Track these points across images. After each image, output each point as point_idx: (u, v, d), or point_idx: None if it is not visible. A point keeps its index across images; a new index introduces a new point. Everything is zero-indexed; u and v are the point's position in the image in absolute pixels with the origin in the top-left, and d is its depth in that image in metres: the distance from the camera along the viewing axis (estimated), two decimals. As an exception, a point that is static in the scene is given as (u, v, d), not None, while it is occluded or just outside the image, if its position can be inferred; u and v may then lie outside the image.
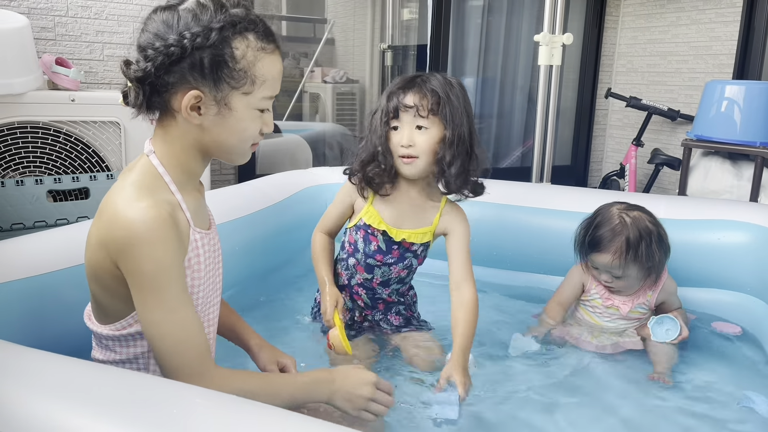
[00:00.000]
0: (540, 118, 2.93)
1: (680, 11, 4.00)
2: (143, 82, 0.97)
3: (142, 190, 0.97)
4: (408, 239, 1.53)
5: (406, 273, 1.59)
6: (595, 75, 4.48)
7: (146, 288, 0.94)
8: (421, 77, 1.46)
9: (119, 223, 0.94)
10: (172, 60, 0.95)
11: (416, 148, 1.43)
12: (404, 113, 1.43)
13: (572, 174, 4.60)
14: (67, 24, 2.77)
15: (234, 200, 1.99)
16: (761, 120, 2.95)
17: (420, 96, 1.42)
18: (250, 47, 1.00)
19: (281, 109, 4.90)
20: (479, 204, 1.69)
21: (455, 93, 1.45)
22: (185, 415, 0.80)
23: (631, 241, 1.64)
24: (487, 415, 1.38)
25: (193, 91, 0.97)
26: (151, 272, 0.94)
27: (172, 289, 0.96)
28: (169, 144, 1.03)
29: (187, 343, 0.98)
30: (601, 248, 1.67)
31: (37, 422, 0.78)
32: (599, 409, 1.44)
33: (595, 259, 1.70)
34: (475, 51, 4.29)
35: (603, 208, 1.75)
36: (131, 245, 0.93)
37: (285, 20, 5.88)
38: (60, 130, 2.30)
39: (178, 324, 0.97)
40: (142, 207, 0.94)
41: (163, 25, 0.97)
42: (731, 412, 1.42)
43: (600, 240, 1.67)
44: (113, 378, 0.89)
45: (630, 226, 1.66)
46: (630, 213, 1.70)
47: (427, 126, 1.43)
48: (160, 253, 0.94)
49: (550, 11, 2.81)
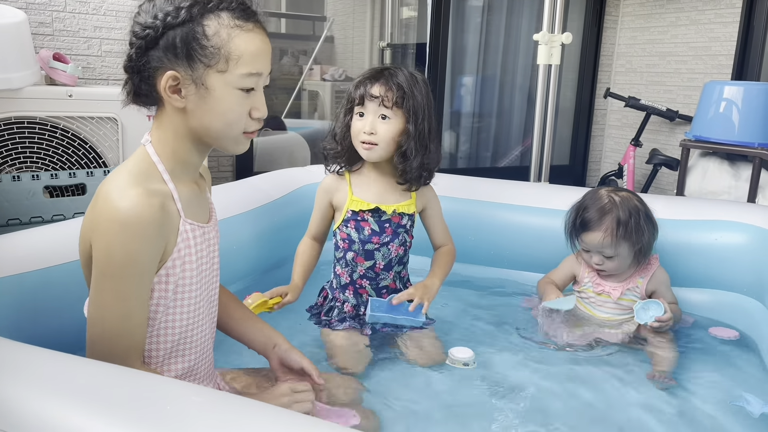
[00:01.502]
0: (538, 118, 2.93)
1: (679, 11, 4.00)
2: (131, 71, 1.00)
3: (136, 177, 0.98)
4: (398, 210, 1.64)
5: (403, 251, 1.67)
6: (594, 75, 4.48)
7: (108, 273, 0.95)
8: (389, 70, 1.56)
9: (107, 205, 0.95)
10: (149, 43, 0.97)
11: (377, 137, 1.54)
12: (370, 102, 1.54)
13: (570, 173, 4.59)
14: (65, 19, 2.76)
15: (231, 197, 1.99)
16: (759, 121, 2.95)
17: (386, 88, 1.52)
18: (223, 25, 0.99)
19: (280, 107, 4.89)
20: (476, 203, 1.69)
21: (419, 89, 1.55)
22: (180, 412, 0.79)
23: (621, 218, 1.70)
24: (487, 414, 1.38)
25: (170, 72, 0.98)
26: (120, 261, 0.95)
27: (131, 281, 0.97)
28: (162, 132, 1.04)
29: (122, 334, 0.98)
30: (592, 227, 1.72)
31: (30, 418, 0.78)
32: (593, 409, 1.44)
33: (586, 239, 1.74)
34: (474, 50, 4.28)
35: (591, 192, 1.83)
36: (110, 229, 0.94)
37: (284, 17, 5.87)
38: (57, 125, 2.29)
39: (121, 312, 0.97)
40: (132, 195, 0.95)
41: (144, 12, 1.00)
42: (725, 412, 1.42)
43: (590, 219, 1.73)
44: (108, 374, 0.89)
45: (619, 205, 1.72)
46: (618, 193, 1.77)
47: (390, 117, 1.53)
48: (136, 246, 0.95)
49: (549, 10, 2.81)
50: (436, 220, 1.74)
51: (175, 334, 1.07)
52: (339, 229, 1.66)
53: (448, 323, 1.82)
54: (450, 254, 1.73)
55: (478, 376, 1.53)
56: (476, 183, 2.33)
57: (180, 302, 1.05)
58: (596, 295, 1.82)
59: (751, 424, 1.38)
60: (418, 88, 1.56)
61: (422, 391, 1.46)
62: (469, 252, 2.18)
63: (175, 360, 1.09)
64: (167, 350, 1.07)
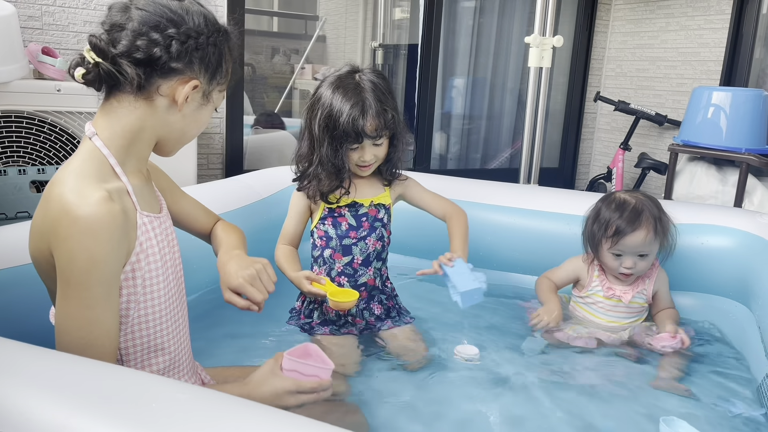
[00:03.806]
0: (529, 120, 2.94)
1: (669, 17, 4.03)
2: (147, 63, 0.99)
3: (89, 176, 0.96)
4: (375, 202, 1.66)
5: (381, 246, 1.67)
6: (585, 78, 4.51)
7: (72, 281, 0.93)
8: (364, 101, 1.50)
9: (66, 210, 0.92)
10: (187, 48, 1.01)
11: (376, 159, 1.59)
12: (366, 139, 1.53)
13: (560, 176, 4.62)
14: (54, 13, 2.74)
15: (221, 195, 1.98)
16: (747, 127, 2.98)
17: (376, 124, 1.52)
18: (231, 54, 1.11)
19: (271, 105, 4.88)
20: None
21: (390, 102, 1.55)
22: (165, 410, 0.79)
23: (655, 214, 1.72)
24: (474, 413, 1.39)
25: (194, 81, 1.03)
26: (83, 268, 0.92)
27: (96, 288, 0.94)
28: (116, 123, 1.02)
29: (91, 343, 0.96)
30: (633, 229, 1.70)
31: (13, 415, 0.77)
32: (587, 414, 1.45)
33: (627, 242, 1.71)
34: (466, 52, 4.29)
35: (605, 201, 1.80)
36: (71, 237, 0.91)
37: (277, 16, 5.85)
38: (45, 120, 2.27)
39: (88, 321, 0.95)
40: (92, 200, 0.92)
41: (172, 13, 1.00)
42: (711, 413, 1.44)
43: (628, 223, 1.70)
44: (92, 372, 0.88)
45: (645, 202, 1.74)
46: (634, 194, 1.79)
47: (382, 141, 1.57)
48: (99, 250, 0.92)
49: (541, 13, 2.82)
50: (424, 194, 1.75)
51: (149, 329, 1.06)
52: (316, 227, 1.66)
53: (429, 320, 1.82)
54: (460, 218, 1.71)
55: (467, 377, 1.53)
56: (466, 184, 2.33)
57: (150, 296, 1.04)
58: (606, 299, 1.81)
59: (735, 421, 1.39)
60: (390, 101, 1.55)
61: (410, 391, 1.47)
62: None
63: (155, 355, 1.08)
64: (145, 346, 1.06)
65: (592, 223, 1.79)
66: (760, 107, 3.00)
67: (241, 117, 3.47)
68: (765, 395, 1.46)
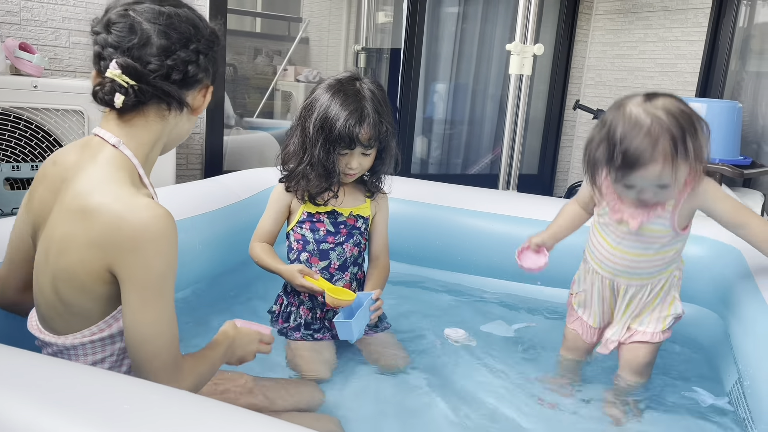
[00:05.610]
0: (509, 127, 2.97)
1: (648, 28, 4.10)
2: (182, 81, 1.03)
3: (128, 187, 0.97)
4: (354, 213, 1.66)
5: (357, 252, 1.68)
6: (564, 87, 4.56)
7: (150, 287, 0.94)
8: (362, 110, 1.51)
9: (129, 225, 0.92)
10: (212, 55, 1.07)
11: (361, 168, 1.59)
12: (358, 146, 1.54)
13: (539, 183, 4.66)
14: (32, 9, 2.70)
15: (199, 196, 1.96)
16: (721, 138, 3.04)
17: (369, 135, 1.53)
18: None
19: (252, 107, 4.86)
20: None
21: (386, 114, 1.56)
22: (137, 410, 0.78)
23: (676, 134, 1.29)
24: (450, 418, 1.39)
25: (211, 86, 1.10)
26: (162, 273, 0.94)
27: (172, 288, 0.97)
28: (143, 134, 1.03)
29: (173, 340, 0.98)
30: (646, 161, 1.29)
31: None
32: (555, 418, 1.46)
33: (639, 176, 1.32)
34: (448, 57, 4.32)
35: (616, 113, 1.35)
36: (144, 246, 0.92)
37: (260, 17, 5.83)
38: (21, 116, 2.24)
39: (170, 320, 0.97)
40: (146, 206, 0.94)
41: (188, 24, 1.03)
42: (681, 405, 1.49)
43: (639, 153, 1.29)
44: (63, 372, 0.87)
45: (666, 119, 1.30)
46: (653, 102, 1.33)
47: (371, 152, 1.58)
48: (172, 252, 0.96)
49: (522, 21, 2.85)
50: (381, 227, 1.73)
51: None
52: (293, 230, 1.66)
53: (406, 326, 1.83)
54: (386, 272, 1.71)
55: (442, 381, 1.54)
56: (445, 189, 2.35)
57: None
58: (616, 224, 1.47)
59: (704, 412, 1.46)
60: (386, 114, 1.56)
61: (386, 396, 1.47)
62: (435, 256, 2.20)
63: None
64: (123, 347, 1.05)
65: (595, 148, 1.37)
66: (734, 119, 3.07)
67: (221, 117, 3.45)
68: (736, 400, 1.49)
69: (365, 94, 1.54)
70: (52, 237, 0.99)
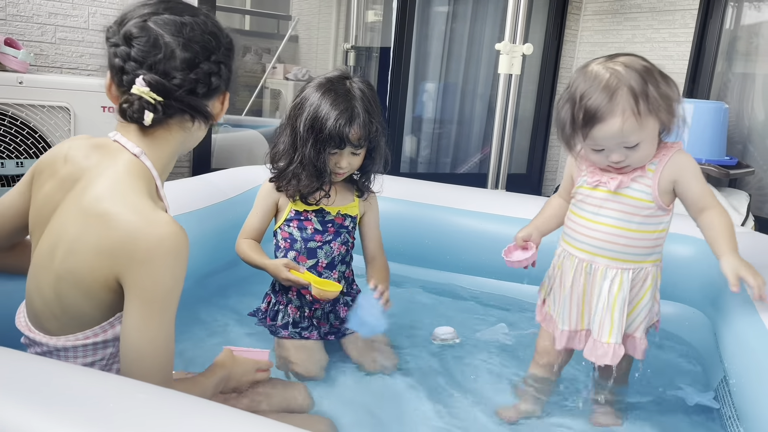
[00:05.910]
0: (498, 126, 2.98)
1: (636, 29, 4.13)
2: (206, 93, 1.03)
3: (146, 198, 0.96)
4: (342, 212, 1.65)
5: (345, 250, 1.67)
6: (553, 86, 4.58)
7: (155, 302, 0.93)
8: (353, 109, 1.51)
9: (145, 237, 0.92)
10: (228, 68, 1.06)
11: (350, 167, 1.59)
12: (348, 146, 1.54)
13: (527, 182, 4.68)
14: (18, 4, 2.67)
15: (186, 194, 1.95)
16: (707, 138, 3.07)
17: (359, 135, 1.53)
18: None
19: (241, 104, 4.84)
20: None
21: (376, 113, 1.56)
22: (124, 410, 0.78)
23: (636, 87, 1.26)
24: (438, 420, 1.40)
25: (227, 93, 1.09)
26: (169, 288, 0.94)
27: (175, 305, 0.97)
28: (169, 147, 1.04)
29: (168, 362, 0.98)
30: (604, 114, 1.26)
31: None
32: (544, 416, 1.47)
33: (601, 133, 1.28)
34: (437, 56, 4.32)
35: (579, 72, 1.35)
36: (155, 260, 0.92)
37: (249, 15, 5.81)
38: (6, 113, 2.22)
39: (166, 341, 0.97)
40: (165, 222, 0.94)
41: (209, 35, 1.02)
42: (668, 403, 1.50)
43: (597, 106, 1.26)
44: (49, 371, 0.86)
45: (625, 73, 1.28)
46: (615, 60, 1.32)
47: (361, 152, 1.58)
48: (182, 269, 0.96)
49: (511, 21, 2.86)
50: (372, 226, 1.73)
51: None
52: (280, 228, 1.65)
53: (396, 326, 1.83)
54: (386, 269, 1.71)
55: (431, 383, 1.54)
56: (434, 188, 2.35)
57: None
58: (592, 190, 1.41)
59: (687, 408, 1.48)
60: (376, 113, 1.56)
61: (377, 397, 1.47)
62: (424, 255, 2.20)
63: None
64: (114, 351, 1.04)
65: (561, 108, 1.35)
66: (721, 119, 3.10)
67: (210, 115, 3.43)
68: (722, 398, 1.50)
69: (355, 94, 1.53)
70: (62, 236, 0.97)
